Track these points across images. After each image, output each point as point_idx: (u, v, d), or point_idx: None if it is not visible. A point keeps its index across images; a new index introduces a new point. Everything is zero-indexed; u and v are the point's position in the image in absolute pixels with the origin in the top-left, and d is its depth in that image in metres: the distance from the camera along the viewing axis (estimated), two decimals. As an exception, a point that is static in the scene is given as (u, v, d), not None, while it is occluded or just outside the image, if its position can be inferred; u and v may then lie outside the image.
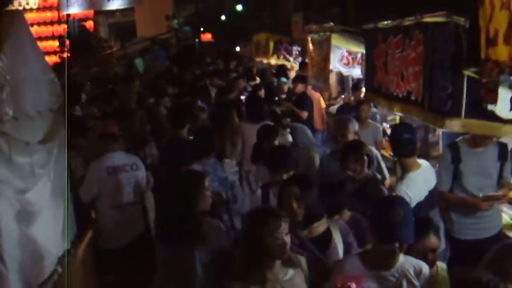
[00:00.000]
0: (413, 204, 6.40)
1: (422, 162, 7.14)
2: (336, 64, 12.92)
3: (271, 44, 20.95)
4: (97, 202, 7.85)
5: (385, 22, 7.92)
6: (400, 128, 7.79)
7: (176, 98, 13.66)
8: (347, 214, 5.75)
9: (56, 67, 26.68)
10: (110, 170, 7.77)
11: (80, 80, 19.91)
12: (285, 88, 15.19)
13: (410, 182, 6.77)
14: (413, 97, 6.80)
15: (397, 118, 10.54)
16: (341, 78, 15.31)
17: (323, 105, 14.28)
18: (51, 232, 6.21)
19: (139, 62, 25.85)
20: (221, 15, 39.38)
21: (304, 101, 13.34)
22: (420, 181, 6.84)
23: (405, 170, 6.95)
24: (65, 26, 29.79)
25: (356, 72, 13.09)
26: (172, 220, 5.64)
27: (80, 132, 9.12)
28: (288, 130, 9.24)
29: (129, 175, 7.87)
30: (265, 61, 22.00)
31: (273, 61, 20.81)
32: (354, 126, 8.40)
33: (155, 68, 24.14)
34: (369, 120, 10.68)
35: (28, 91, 6.01)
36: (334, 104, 14.17)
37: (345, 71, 13.39)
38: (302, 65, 16.42)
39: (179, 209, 5.61)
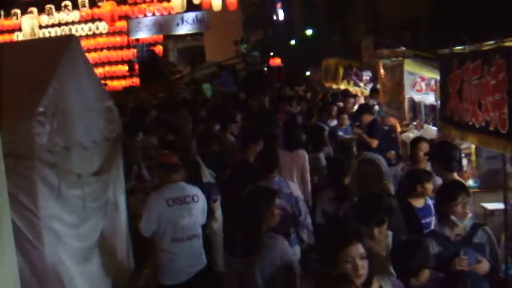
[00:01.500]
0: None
1: None
2: (408, 91, 12.40)
3: (341, 69, 20.55)
4: (156, 235, 7.44)
5: (461, 47, 7.41)
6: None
7: (244, 124, 13.33)
8: (425, 275, 5.06)
9: (125, 91, 26.94)
10: (170, 202, 7.35)
11: (147, 105, 19.79)
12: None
13: None
14: (491, 127, 6.27)
15: (472, 147, 9.92)
16: (413, 105, 14.74)
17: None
18: (106, 268, 5.85)
19: (206, 87, 25.68)
20: (291, 39, 39.09)
21: (375, 129, 12.75)
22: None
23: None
24: (135, 50, 29.93)
25: (430, 98, 12.53)
26: (239, 233, 5.64)
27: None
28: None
29: (190, 206, 7.46)
30: (334, 86, 21.55)
31: (343, 86, 20.33)
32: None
33: (223, 93, 23.90)
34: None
35: (82, 120, 5.69)
36: (405, 131, 13.59)
37: (417, 97, 12.85)
38: (373, 91, 15.89)
39: (247, 223, 5.60)
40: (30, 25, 26.09)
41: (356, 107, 14.65)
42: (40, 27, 28.21)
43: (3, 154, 3.96)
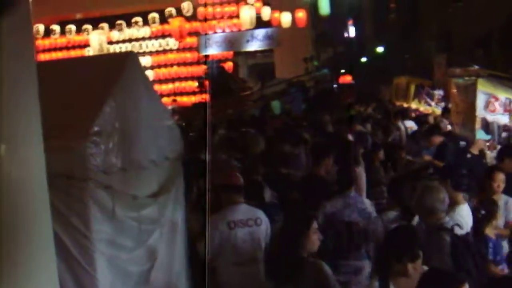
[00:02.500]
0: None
1: None
2: (481, 111, 11.96)
3: (412, 88, 20.22)
4: (216, 259, 7.20)
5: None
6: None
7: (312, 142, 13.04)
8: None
9: (195, 108, 26.90)
10: (232, 225, 7.11)
11: (216, 122, 19.63)
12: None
13: None
14: None
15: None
16: (486, 125, 14.24)
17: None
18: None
19: (275, 105, 25.43)
20: (361, 56, 38.67)
21: (445, 152, 12.27)
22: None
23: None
24: (205, 67, 29.90)
25: (504, 119, 12.06)
26: (278, 258, 5.78)
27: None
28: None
29: (252, 230, 7.20)
30: (405, 105, 21.13)
31: (414, 105, 19.93)
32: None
33: (291, 111, 23.60)
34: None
35: (141, 139, 5.49)
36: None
37: (491, 118, 12.37)
38: (445, 110, 15.42)
39: (286, 248, 5.72)
40: (98, 40, 26.30)
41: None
42: (111, 42, 28.57)
43: (55, 174, 3.77)
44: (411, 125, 16.16)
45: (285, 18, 26.54)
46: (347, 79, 36.31)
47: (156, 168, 5.75)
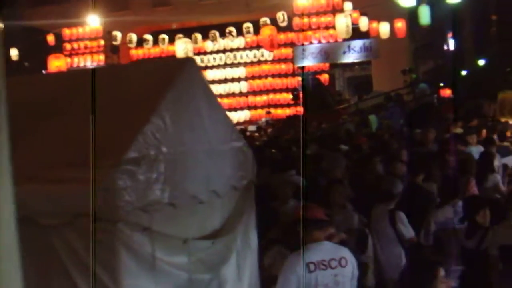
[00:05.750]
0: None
1: None
2: None
3: None
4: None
5: None
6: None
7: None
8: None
9: (289, 120, 26.04)
10: (312, 267, 5.95)
11: (309, 137, 18.47)
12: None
13: None
14: None
15: None
16: None
17: None
18: None
19: (373, 119, 24.19)
20: (462, 70, 37.01)
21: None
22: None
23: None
24: (299, 78, 29.26)
25: None
26: None
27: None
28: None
29: (335, 272, 6.04)
30: (511, 122, 19.77)
31: (522, 123, 18.58)
32: None
33: (389, 127, 22.27)
34: None
35: (198, 166, 4.41)
36: None
37: None
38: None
39: None
40: (184, 49, 25.63)
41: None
42: (205, 53, 28.23)
43: (77, 214, 2.79)
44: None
45: (384, 29, 25.55)
46: (447, 92, 34.85)
47: (219, 201, 4.66)
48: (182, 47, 25.67)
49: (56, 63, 27.26)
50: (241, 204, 5.09)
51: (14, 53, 26.80)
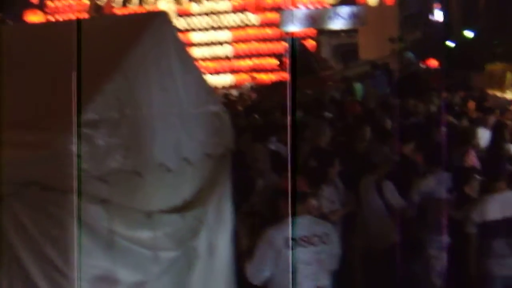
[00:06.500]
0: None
1: None
2: None
3: (509, 76, 18.67)
4: (269, 285, 5.67)
5: None
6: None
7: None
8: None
9: (274, 86, 25.76)
10: (292, 243, 5.54)
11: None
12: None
13: None
14: None
15: None
16: None
17: None
18: None
19: (358, 88, 23.90)
20: (450, 41, 36.76)
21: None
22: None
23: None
24: (285, 44, 28.98)
25: None
26: None
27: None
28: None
29: (317, 250, 5.66)
30: (499, 94, 19.59)
31: (510, 95, 18.38)
32: None
33: (375, 96, 22.02)
34: None
35: (168, 131, 3.97)
36: None
37: None
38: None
39: None
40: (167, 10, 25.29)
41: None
42: (189, 15, 27.89)
43: (25, 182, 2.40)
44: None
45: (372, -5, 25.38)
46: (434, 63, 34.68)
47: (189, 170, 4.22)
48: (164, 8, 25.32)
49: (34, 19, 26.59)
50: (215, 173, 4.66)
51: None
